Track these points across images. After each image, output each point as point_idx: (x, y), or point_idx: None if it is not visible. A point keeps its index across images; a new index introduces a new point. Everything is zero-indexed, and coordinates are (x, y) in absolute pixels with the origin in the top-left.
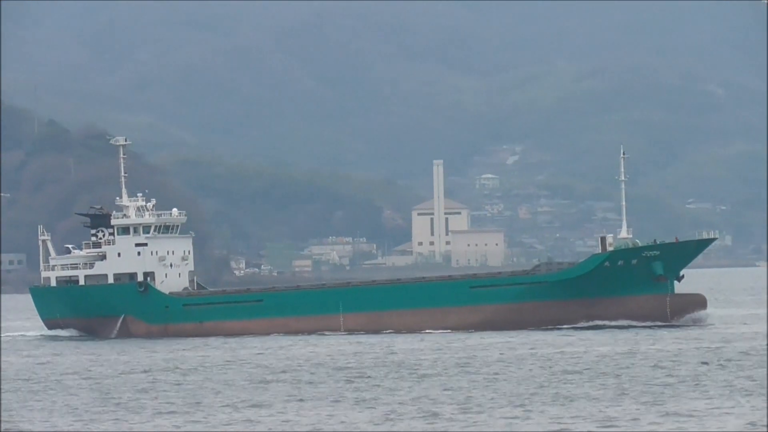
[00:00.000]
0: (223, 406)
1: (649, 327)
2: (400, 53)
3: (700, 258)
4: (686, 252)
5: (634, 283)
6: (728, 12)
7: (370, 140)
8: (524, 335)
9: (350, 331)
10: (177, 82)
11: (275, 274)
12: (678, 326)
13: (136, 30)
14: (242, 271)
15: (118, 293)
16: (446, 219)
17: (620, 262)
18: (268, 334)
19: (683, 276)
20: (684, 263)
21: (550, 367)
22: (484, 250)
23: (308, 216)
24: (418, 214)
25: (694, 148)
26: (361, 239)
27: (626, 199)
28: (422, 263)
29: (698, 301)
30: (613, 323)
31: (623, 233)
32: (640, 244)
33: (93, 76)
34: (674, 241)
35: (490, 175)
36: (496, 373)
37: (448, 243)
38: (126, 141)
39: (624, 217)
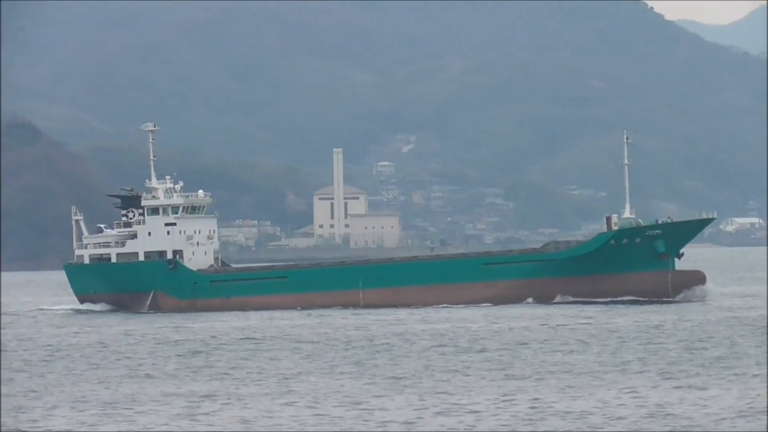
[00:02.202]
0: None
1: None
2: (303, 49)
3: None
4: (687, 231)
5: (638, 261)
6: (609, 10)
7: (275, 130)
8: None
9: (369, 306)
10: (95, 76)
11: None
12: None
13: (56, 28)
14: None
15: (148, 270)
16: (345, 203)
17: (625, 241)
18: (291, 308)
19: (683, 254)
20: (684, 242)
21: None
22: (380, 233)
23: (217, 201)
24: (319, 199)
25: (576, 138)
26: (265, 222)
27: (513, 187)
28: (323, 245)
29: (698, 278)
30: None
31: (626, 213)
32: (643, 224)
33: (15, 71)
34: (668, 220)
35: (386, 163)
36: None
37: (347, 226)
38: (155, 127)
39: (627, 198)
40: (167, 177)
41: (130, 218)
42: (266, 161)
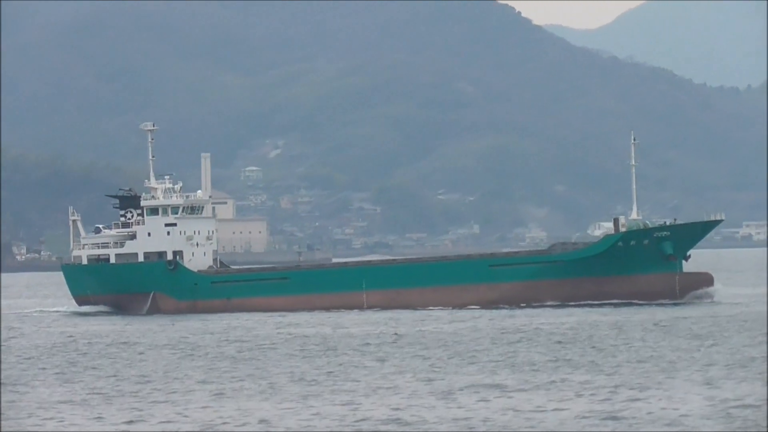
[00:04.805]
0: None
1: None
2: (172, 51)
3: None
4: (694, 233)
5: (645, 262)
6: (478, 14)
7: (143, 134)
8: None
9: (372, 308)
10: None
11: (54, 259)
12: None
13: None
14: (23, 257)
15: (148, 271)
16: (213, 208)
17: (632, 242)
18: (293, 310)
19: (690, 255)
20: (692, 243)
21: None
22: (248, 238)
23: (85, 205)
24: None
25: (445, 141)
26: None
27: (381, 191)
28: None
29: (705, 279)
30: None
31: (633, 214)
32: (650, 225)
33: None
34: (673, 221)
35: (254, 168)
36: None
37: (215, 230)
38: (154, 126)
39: (634, 199)
40: (166, 177)
41: (129, 219)
42: (134, 165)
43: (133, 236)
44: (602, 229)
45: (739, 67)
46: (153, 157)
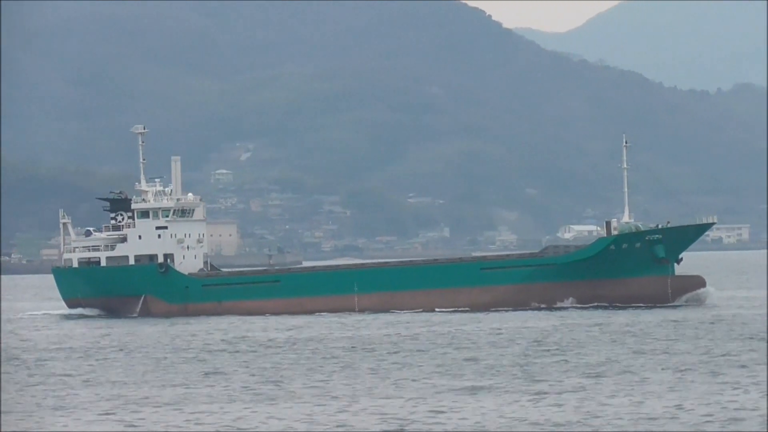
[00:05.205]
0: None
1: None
2: (143, 56)
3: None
4: (686, 236)
5: (638, 265)
6: (448, 18)
7: (114, 138)
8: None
9: (364, 311)
10: None
11: (24, 261)
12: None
13: None
14: None
15: (139, 274)
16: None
17: (625, 246)
18: (284, 313)
19: (682, 258)
20: (684, 246)
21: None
22: (218, 241)
23: (55, 208)
24: None
25: (416, 145)
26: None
27: (352, 194)
28: None
29: (698, 283)
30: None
31: (626, 218)
32: (642, 229)
33: None
34: (667, 224)
35: (224, 171)
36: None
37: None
38: (144, 129)
39: (626, 202)
40: (156, 180)
41: (119, 221)
42: (104, 168)
43: (123, 239)
44: (572, 232)
45: (710, 70)
46: (144, 160)
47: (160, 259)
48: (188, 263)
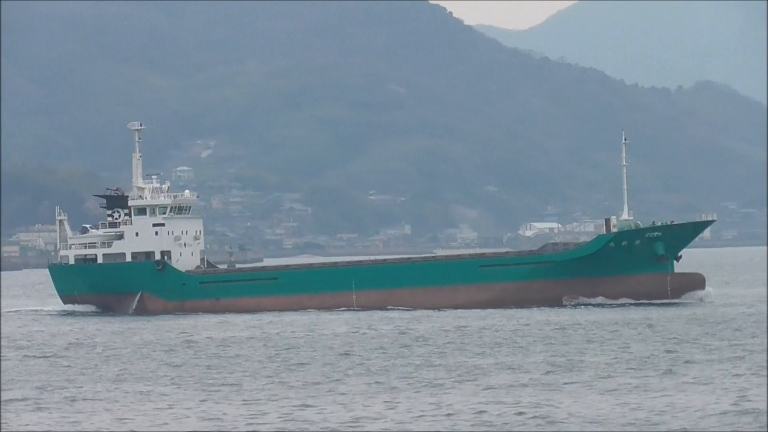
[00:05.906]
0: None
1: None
2: (102, 54)
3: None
4: (686, 234)
5: (637, 263)
6: (409, 15)
7: (75, 135)
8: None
9: (362, 308)
10: None
11: None
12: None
13: None
14: None
15: (136, 271)
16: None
17: (624, 243)
18: (282, 310)
19: (681, 256)
20: (683, 244)
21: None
22: None
23: (16, 205)
24: None
25: (376, 143)
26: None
27: (312, 191)
28: None
29: (697, 280)
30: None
31: (624, 215)
32: (641, 226)
33: None
34: (670, 223)
35: (185, 168)
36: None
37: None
38: (141, 125)
39: (625, 200)
40: (153, 177)
41: (116, 218)
42: (66, 166)
43: (120, 236)
44: (533, 229)
45: (671, 68)
46: (140, 156)
47: (157, 257)
48: (185, 260)
